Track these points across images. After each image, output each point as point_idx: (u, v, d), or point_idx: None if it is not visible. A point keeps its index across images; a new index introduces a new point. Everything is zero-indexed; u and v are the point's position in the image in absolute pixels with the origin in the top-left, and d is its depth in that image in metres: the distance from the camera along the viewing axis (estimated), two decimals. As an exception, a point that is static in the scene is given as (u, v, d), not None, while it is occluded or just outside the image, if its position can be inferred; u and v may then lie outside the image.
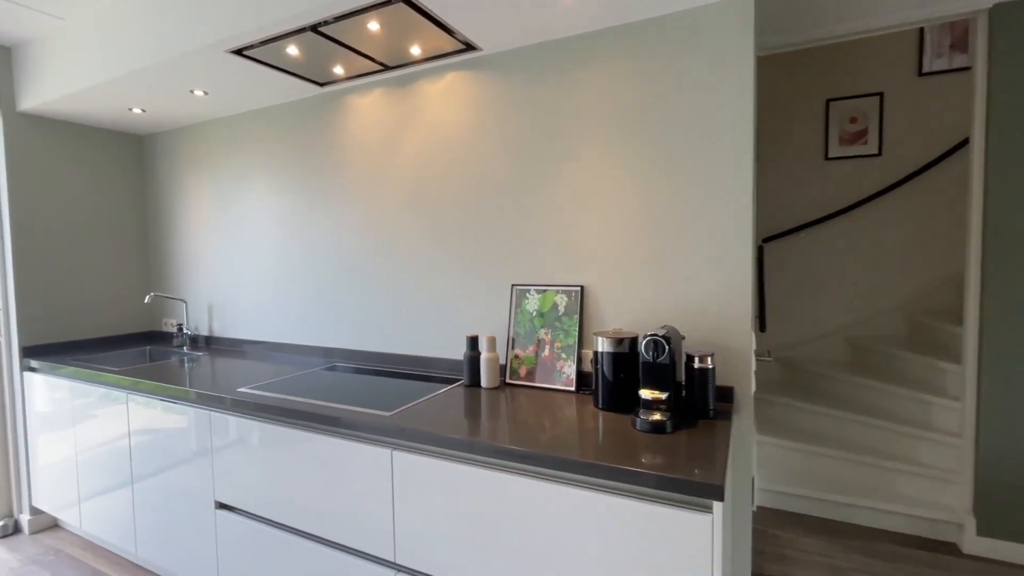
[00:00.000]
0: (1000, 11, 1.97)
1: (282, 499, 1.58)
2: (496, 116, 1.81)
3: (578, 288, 1.67)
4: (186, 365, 2.25)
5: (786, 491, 2.46)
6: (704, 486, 0.97)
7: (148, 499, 1.97)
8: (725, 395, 1.47)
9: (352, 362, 2.16)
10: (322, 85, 2.11)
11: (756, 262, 2.07)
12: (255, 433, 1.63)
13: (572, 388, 1.63)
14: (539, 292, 1.73)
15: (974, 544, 2.08)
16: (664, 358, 1.29)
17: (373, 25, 1.58)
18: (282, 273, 2.38)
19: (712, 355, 1.36)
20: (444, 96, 1.91)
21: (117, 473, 2.07)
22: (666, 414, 1.28)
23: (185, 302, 2.68)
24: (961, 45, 2.78)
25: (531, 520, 1.17)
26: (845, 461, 2.42)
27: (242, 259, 2.51)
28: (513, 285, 1.79)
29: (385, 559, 1.40)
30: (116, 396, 2.04)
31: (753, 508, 2.17)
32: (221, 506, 1.75)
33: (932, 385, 2.53)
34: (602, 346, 1.44)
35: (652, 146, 1.56)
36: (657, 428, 1.25)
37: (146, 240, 2.89)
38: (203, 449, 1.77)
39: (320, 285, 2.27)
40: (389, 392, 1.67)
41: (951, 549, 2.14)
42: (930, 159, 2.84)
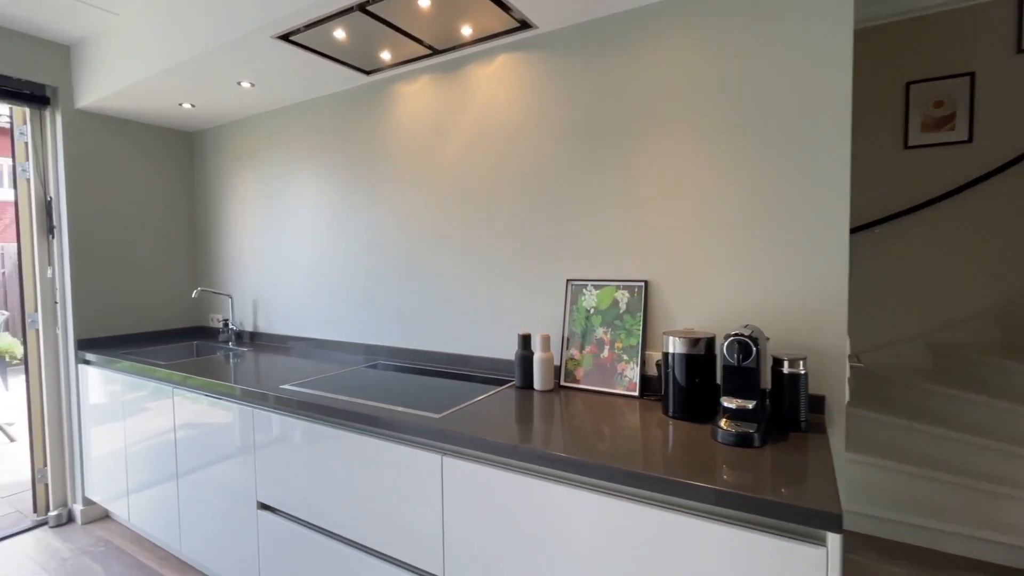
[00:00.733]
0: None
1: (325, 502, 1.50)
2: (551, 100, 1.69)
3: (641, 283, 1.52)
4: (231, 361, 2.22)
5: (867, 513, 2.22)
6: (820, 514, 0.82)
7: (192, 494, 1.94)
8: (815, 405, 1.30)
9: (395, 360, 2.08)
10: (368, 73, 2.04)
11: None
12: (298, 432, 1.56)
13: (635, 393, 1.49)
14: (597, 288, 1.60)
15: (1097, 583, 1.81)
16: (751, 361, 1.14)
17: (424, 1, 1.49)
18: (325, 268, 2.33)
19: (805, 359, 1.19)
20: (494, 80, 1.80)
21: (163, 467, 2.06)
22: (752, 425, 1.12)
23: (231, 297, 2.68)
24: (1068, 17, 2.47)
25: (600, 543, 1.04)
26: (936, 482, 2.17)
27: (286, 254, 2.48)
28: (568, 280, 1.66)
29: (433, 574, 1.29)
30: (164, 390, 2.03)
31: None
32: (263, 507, 1.69)
33: (1035, 398, 2.24)
34: (674, 347, 1.29)
35: (733, 126, 1.40)
36: (743, 441, 1.10)
37: (194, 235, 2.91)
38: (246, 447, 1.72)
39: (363, 280, 2.20)
40: (436, 393, 1.57)
41: (1066, 587, 1.87)
42: (1030, 146, 2.53)
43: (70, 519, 2.53)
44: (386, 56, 1.88)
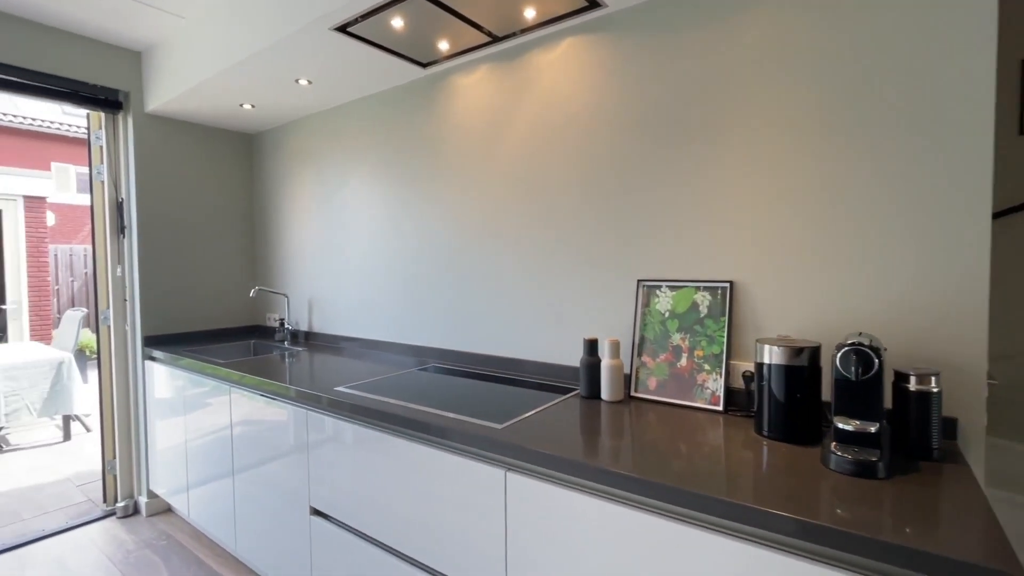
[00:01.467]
0: None
1: (379, 512, 1.42)
2: (621, 85, 1.55)
3: (726, 284, 1.36)
4: (286, 360, 2.21)
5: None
6: (990, 573, 0.64)
7: (248, 493, 1.93)
8: (946, 430, 1.09)
9: (448, 363, 2.00)
10: (424, 66, 1.97)
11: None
12: (351, 436, 1.49)
13: (718, 407, 1.32)
14: (673, 289, 1.44)
15: None
16: (872, 376, 0.96)
17: (487, -19, 1.39)
18: (378, 268, 2.29)
19: (937, 374, 1.00)
20: (559, 67, 1.68)
21: (220, 465, 2.06)
22: (875, 452, 0.94)
23: (287, 297, 2.69)
24: None
25: (691, 582, 0.89)
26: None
27: (340, 254, 2.46)
28: (640, 281, 1.51)
29: (494, 599, 1.19)
30: (222, 388, 2.03)
31: None
32: (316, 513, 1.64)
33: None
34: (770, 357, 1.13)
35: (838, 106, 1.22)
36: (864, 470, 0.92)
37: (253, 236, 2.96)
38: (300, 449, 1.67)
39: (416, 281, 2.14)
40: (495, 400, 1.46)
41: None
42: None
43: (136, 511, 2.60)
44: (443, 46, 1.80)
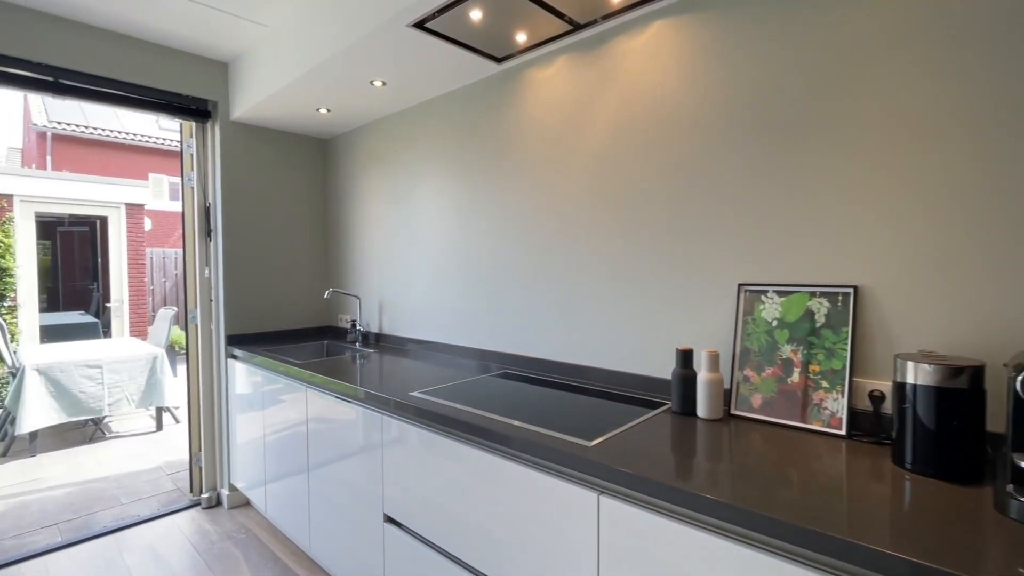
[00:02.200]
0: None
1: (455, 525, 1.36)
2: (722, 70, 1.41)
3: (848, 290, 1.19)
4: (357, 362, 2.21)
5: None
6: None
7: (322, 494, 1.94)
8: None
9: (522, 369, 1.91)
10: (499, 61, 1.91)
11: None
12: (427, 444, 1.44)
13: (840, 431, 1.15)
14: (782, 295, 1.28)
15: None
16: (1069, 406, 0.77)
17: (573, -37, 1.30)
18: (449, 270, 2.25)
19: None
20: (646, 53, 1.56)
21: (296, 463, 2.09)
22: (1073, 501, 0.76)
23: (359, 298, 2.72)
24: None
25: (833, 645, 0.75)
26: None
27: (411, 256, 2.45)
28: (740, 285, 1.36)
29: (582, 633, 1.08)
30: (297, 388, 2.06)
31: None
32: (389, 520, 1.60)
33: None
34: (917, 376, 0.95)
35: (998, 76, 1.02)
36: (1061, 525, 0.74)
37: (326, 239, 3.02)
38: (374, 454, 1.65)
39: (488, 284, 2.07)
40: (578, 413, 1.36)
41: None
42: None
43: (218, 502, 2.71)
44: (521, 38, 1.72)
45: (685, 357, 1.34)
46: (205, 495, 2.68)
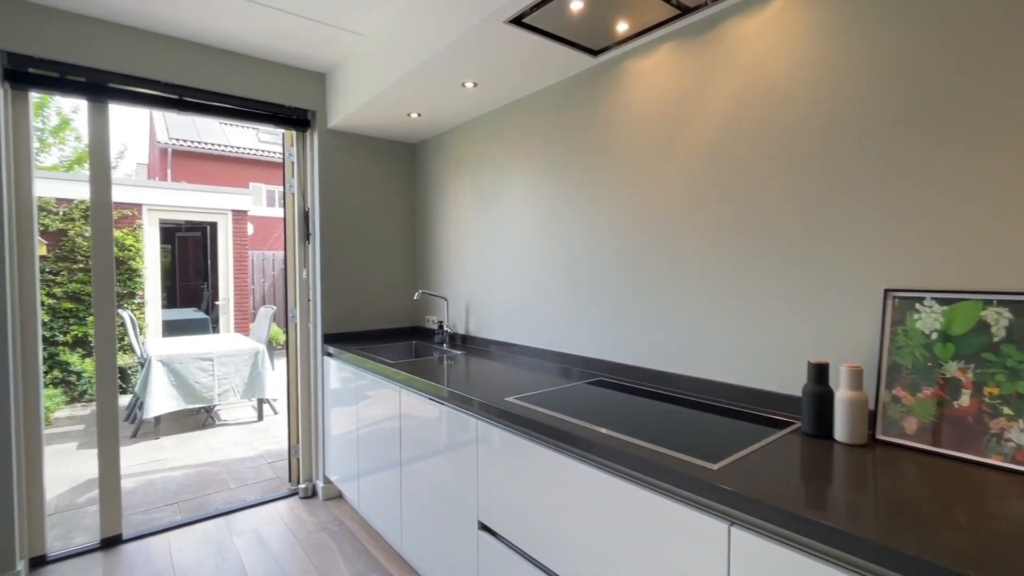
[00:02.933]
0: None
1: (559, 543, 1.29)
2: (864, 45, 1.23)
3: (1039, 298, 0.98)
4: (444, 363, 2.22)
5: None
6: None
7: (413, 494, 1.95)
8: None
9: (620, 378, 1.81)
10: (595, 54, 1.82)
11: None
12: (526, 454, 1.38)
13: (1029, 468, 0.95)
14: (944, 303, 1.09)
15: None
16: None
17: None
18: (537, 273, 2.19)
19: None
20: (764, 37, 1.41)
21: (387, 463, 2.13)
22: None
23: (446, 300, 2.74)
24: None
25: None
26: None
27: (498, 258, 2.42)
28: (888, 291, 1.18)
29: (706, 677, 0.98)
30: (390, 387, 2.10)
31: None
32: (484, 528, 1.57)
33: None
34: None
35: None
36: None
37: (414, 241, 3.08)
38: (468, 459, 1.62)
39: (580, 287, 1.99)
40: (693, 429, 1.24)
41: None
42: None
43: (314, 493, 2.84)
44: (622, 28, 1.63)
45: (819, 372, 1.18)
46: (302, 485, 2.82)
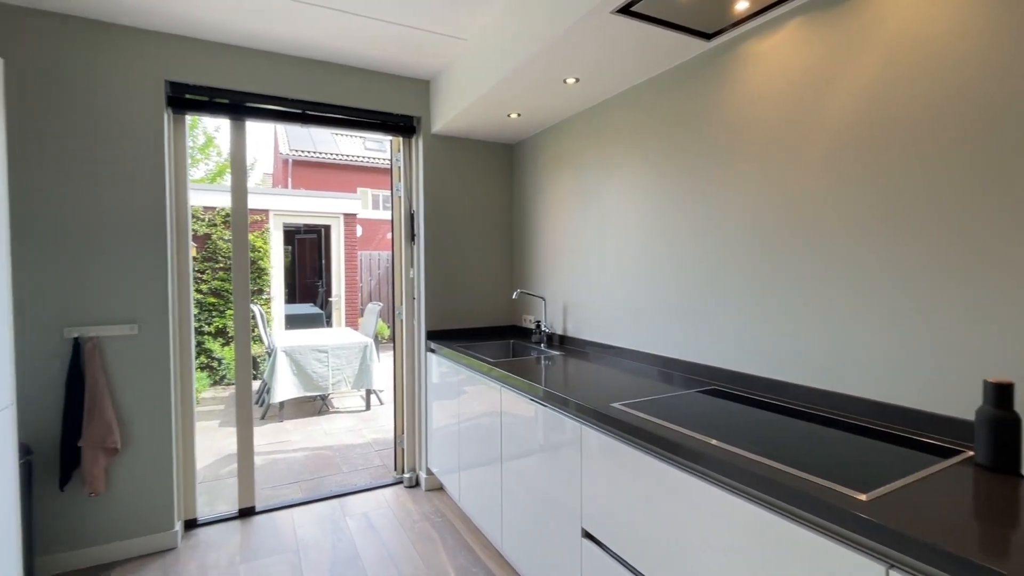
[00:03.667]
0: None
1: (672, 562, 1.21)
2: (1057, -7, 1.01)
3: None
4: (543, 363, 2.20)
5: None
6: None
7: (514, 493, 1.96)
8: None
9: (736, 388, 1.68)
10: (709, 38, 1.69)
11: None
12: (635, 464, 1.32)
13: None
14: None
15: None
16: None
17: None
18: (640, 273, 2.10)
19: None
20: (920, 4, 1.21)
21: (487, 460, 2.16)
22: None
23: (544, 300, 2.73)
24: None
25: None
26: None
27: (598, 258, 2.35)
28: (1099, 296, 0.96)
29: None
30: (490, 385, 2.12)
31: None
32: (587, 536, 1.53)
33: None
34: None
35: None
36: None
37: (512, 241, 3.11)
38: (571, 464, 1.59)
39: (689, 288, 1.87)
40: (832, 452, 1.10)
41: None
42: None
43: (417, 483, 2.97)
44: (741, 6, 1.49)
45: (1000, 393, 0.99)
46: (406, 475, 2.96)
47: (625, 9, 1.51)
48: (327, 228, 8.27)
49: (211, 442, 3.82)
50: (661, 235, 2.00)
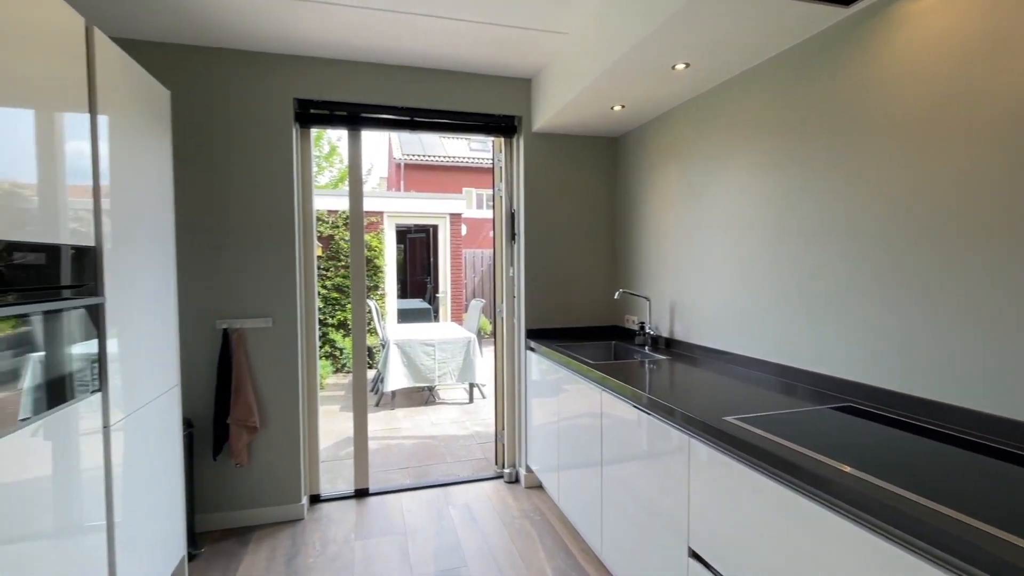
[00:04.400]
0: None
1: (790, 598, 1.08)
2: None
3: None
4: (647, 367, 2.09)
5: None
6: None
7: (615, 500, 1.89)
8: None
9: (872, 404, 1.45)
10: (849, 3, 1.48)
11: None
12: (753, 486, 1.19)
13: None
14: None
15: None
16: None
17: None
18: (760, 272, 1.90)
19: None
20: None
21: (586, 463, 2.10)
22: None
23: (648, 300, 2.60)
24: None
25: None
26: None
27: (709, 255, 2.18)
28: None
29: None
30: (590, 387, 2.07)
31: None
32: (695, 556, 1.42)
33: None
34: None
35: None
36: None
37: (613, 238, 3.01)
38: (677, 476, 1.49)
39: (818, 289, 1.66)
40: (1007, 490, 0.90)
41: None
42: None
43: (516, 479, 3.01)
44: (890, -39, 1.28)
45: None
46: (507, 470, 3.01)
47: (744, -18, 1.37)
48: (435, 227, 8.70)
49: (332, 425, 4.20)
50: (783, 232, 1.79)
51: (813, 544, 1.03)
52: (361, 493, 2.82)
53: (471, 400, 4.92)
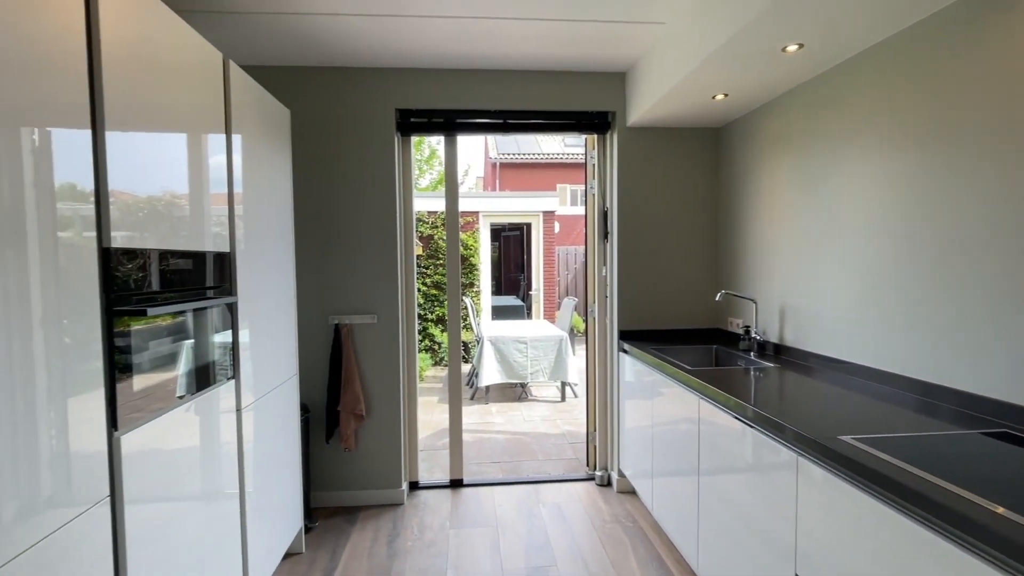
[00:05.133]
0: None
1: (923, 650, 0.94)
2: None
3: None
4: (752, 375, 1.94)
5: None
6: None
7: (713, 512, 1.78)
8: None
9: (1041, 433, 1.22)
10: (1010, -46, 1.25)
11: None
12: (874, 515, 1.06)
13: None
14: None
15: None
16: None
17: None
18: (888, 275, 1.68)
19: None
20: None
21: (683, 471, 2.00)
22: None
23: (755, 302, 2.41)
24: None
25: None
26: None
27: (827, 255, 1.97)
28: None
29: None
30: (687, 394, 1.96)
31: None
32: (805, 587, 1.29)
33: None
34: None
35: None
36: None
37: (715, 236, 2.82)
38: (784, 495, 1.36)
39: (963, 294, 1.42)
40: None
41: None
42: None
43: (608, 483, 2.95)
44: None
45: None
46: (598, 472, 2.96)
47: (871, -54, 1.21)
48: (528, 226, 8.79)
49: (430, 416, 4.42)
50: (927, 228, 1.56)
51: (954, 592, 0.89)
52: (456, 483, 2.94)
53: (563, 399, 4.91)
